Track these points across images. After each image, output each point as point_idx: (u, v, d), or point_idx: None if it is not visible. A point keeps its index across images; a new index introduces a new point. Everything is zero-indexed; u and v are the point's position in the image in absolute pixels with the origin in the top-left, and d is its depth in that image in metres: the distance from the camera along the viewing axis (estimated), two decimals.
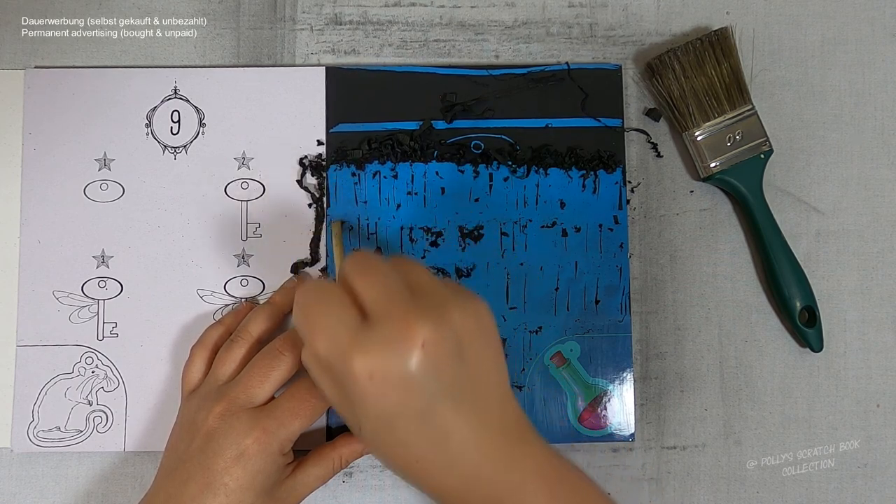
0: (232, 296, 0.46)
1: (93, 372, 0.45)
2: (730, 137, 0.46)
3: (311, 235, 0.46)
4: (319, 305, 0.34)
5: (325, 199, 0.47)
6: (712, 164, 0.46)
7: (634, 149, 0.48)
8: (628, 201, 0.47)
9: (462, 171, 0.47)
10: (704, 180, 0.47)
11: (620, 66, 0.48)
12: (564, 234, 0.47)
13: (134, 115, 0.47)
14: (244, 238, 0.46)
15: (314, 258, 0.46)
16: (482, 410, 0.34)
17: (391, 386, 0.32)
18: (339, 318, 0.33)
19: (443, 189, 0.47)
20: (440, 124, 0.47)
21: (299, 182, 0.47)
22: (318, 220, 0.46)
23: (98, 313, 0.46)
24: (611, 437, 0.45)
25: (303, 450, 0.43)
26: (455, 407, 0.33)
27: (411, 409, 0.33)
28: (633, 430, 0.46)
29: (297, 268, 0.46)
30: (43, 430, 0.45)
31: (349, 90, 0.47)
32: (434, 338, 0.32)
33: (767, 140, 0.47)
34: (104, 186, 0.46)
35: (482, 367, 0.35)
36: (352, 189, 0.47)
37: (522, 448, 0.35)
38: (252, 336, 0.43)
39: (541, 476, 0.35)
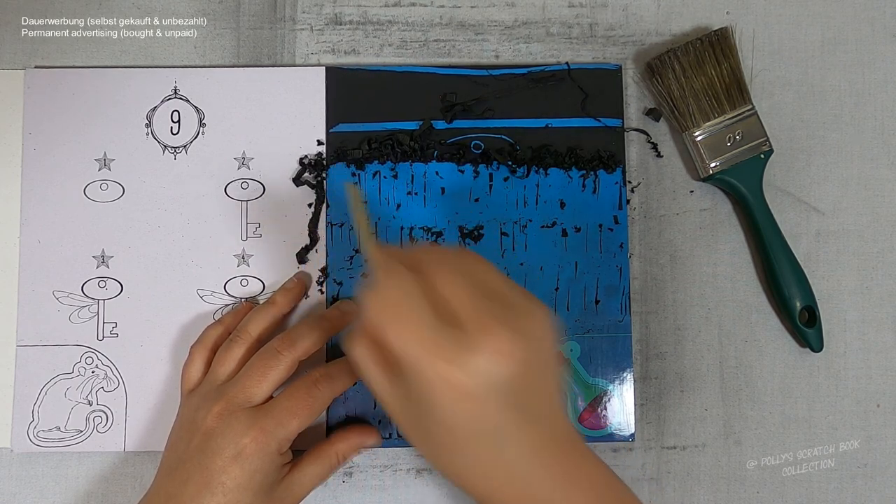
0: (232, 296, 0.46)
1: (93, 372, 0.45)
2: (730, 137, 0.46)
3: (308, 241, 0.46)
4: (403, 298, 0.33)
5: (325, 198, 0.47)
6: (712, 164, 0.46)
7: (634, 149, 0.48)
8: (628, 201, 0.47)
9: (462, 171, 0.47)
10: (704, 180, 0.47)
11: (620, 66, 0.48)
12: (564, 234, 0.47)
13: (134, 115, 0.47)
14: (244, 238, 0.46)
15: (313, 242, 0.46)
16: (541, 423, 0.34)
17: (469, 397, 0.32)
18: (422, 316, 0.32)
19: (443, 189, 0.47)
20: (440, 124, 0.47)
21: (299, 182, 0.47)
22: (316, 220, 0.46)
23: (98, 313, 0.46)
24: (611, 437, 0.45)
25: (303, 449, 0.43)
26: (518, 418, 0.33)
27: (483, 421, 0.32)
28: (633, 430, 0.46)
29: (300, 255, 0.46)
30: (43, 430, 0.45)
31: (349, 90, 0.47)
32: (512, 351, 0.32)
33: (767, 140, 0.47)
34: (104, 186, 0.46)
35: (544, 378, 0.34)
36: None
37: (577, 463, 0.35)
38: (251, 336, 0.43)
39: (595, 494, 0.34)
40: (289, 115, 0.47)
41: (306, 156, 0.47)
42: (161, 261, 0.46)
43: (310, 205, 0.47)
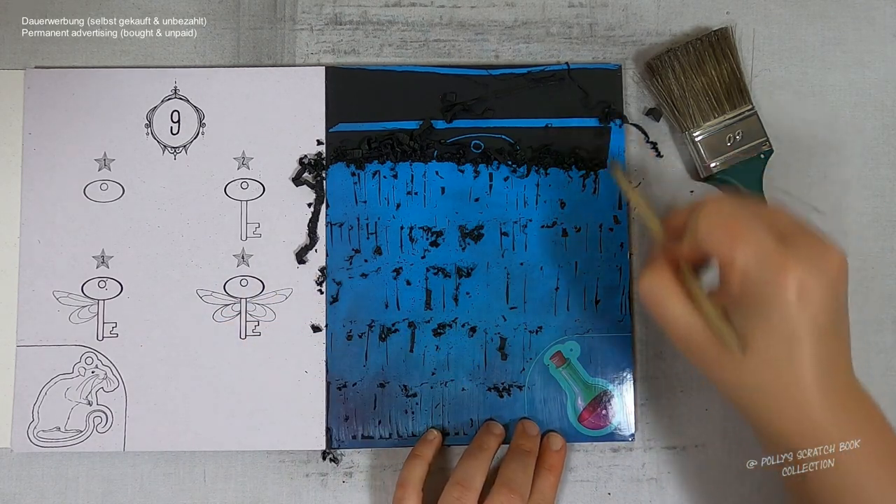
0: (232, 296, 0.46)
1: (93, 372, 0.45)
2: (730, 137, 0.46)
3: (308, 241, 0.46)
4: (744, 218, 0.35)
5: (324, 198, 0.47)
6: (712, 164, 0.46)
7: (634, 149, 0.48)
8: (629, 201, 0.47)
9: (462, 171, 0.47)
10: (704, 180, 0.47)
11: (620, 66, 0.48)
12: (564, 233, 0.47)
13: (134, 115, 0.47)
14: (244, 238, 0.46)
15: (313, 241, 0.46)
16: (834, 347, 0.35)
17: (812, 302, 0.34)
18: (765, 232, 0.34)
19: (443, 189, 0.47)
20: (440, 124, 0.47)
21: (299, 181, 0.47)
22: (316, 220, 0.46)
23: (98, 313, 0.46)
24: (611, 436, 0.45)
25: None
26: (822, 330, 0.34)
27: (816, 328, 0.34)
28: (633, 430, 0.46)
29: (300, 255, 0.46)
30: (43, 430, 0.45)
31: (349, 90, 0.47)
32: (844, 265, 0.35)
33: (767, 140, 0.47)
34: (104, 186, 0.46)
35: (844, 306, 0.36)
36: (351, 189, 0.47)
37: (856, 402, 0.36)
38: (478, 488, 0.42)
39: (868, 437, 0.35)
40: (288, 114, 0.47)
41: (306, 156, 0.47)
42: (161, 261, 0.46)
43: (309, 204, 0.47)
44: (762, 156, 0.46)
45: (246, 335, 0.46)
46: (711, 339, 0.36)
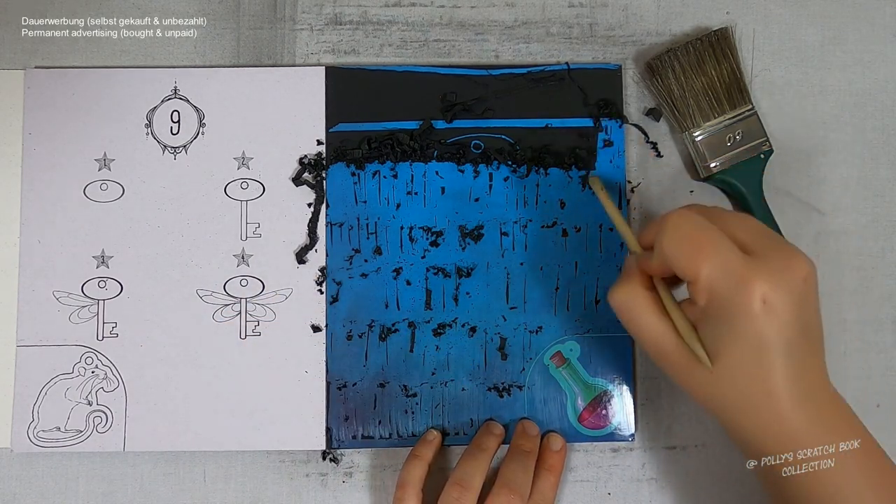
0: (232, 296, 0.46)
1: (93, 372, 0.45)
2: (730, 137, 0.46)
3: (308, 241, 0.46)
4: (707, 233, 0.35)
5: (324, 198, 0.47)
6: (712, 164, 0.46)
7: (634, 149, 0.48)
8: (628, 201, 0.47)
9: (462, 171, 0.47)
10: (704, 180, 0.47)
11: (620, 66, 0.48)
12: (564, 234, 0.47)
13: (134, 115, 0.47)
14: (244, 238, 0.46)
15: (313, 241, 0.46)
16: (806, 358, 0.35)
17: (778, 314, 0.33)
18: (728, 246, 0.34)
19: (443, 189, 0.47)
20: (440, 124, 0.47)
21: (299, 181, 0.47)
22: (316, 220, 0.46)
23: (98, 313, 0.46)
24: (611, 436, 0.45)
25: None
26: (806, 347, 0.35)
27: (784, 340, 0.34)
28: (633, 430, 0.46)
29: (300, 255, 0.46)
30: (43, 430, 0.45)
31: (349, 90, 0.47)
32: (811, 274, 0.35)
33: (767, 140, 0.47)
34: (104, 186, 0.46)
35: (817, 313, 0.36)
36: (351, 189, 0.47)
37: (833, 411, 0.36)
38: (477, 489, 0.42)
39: (856, 457, 0.35)
40: (288, 114, 0.47)
41: (306, 156, 0.47)
42: (161, 261, 0.46)
43: (309, 204, 0.47)
44: (762, 156, 0.46)
45: (246, 335, 0.46)
46: (683, 351, 0.36)
